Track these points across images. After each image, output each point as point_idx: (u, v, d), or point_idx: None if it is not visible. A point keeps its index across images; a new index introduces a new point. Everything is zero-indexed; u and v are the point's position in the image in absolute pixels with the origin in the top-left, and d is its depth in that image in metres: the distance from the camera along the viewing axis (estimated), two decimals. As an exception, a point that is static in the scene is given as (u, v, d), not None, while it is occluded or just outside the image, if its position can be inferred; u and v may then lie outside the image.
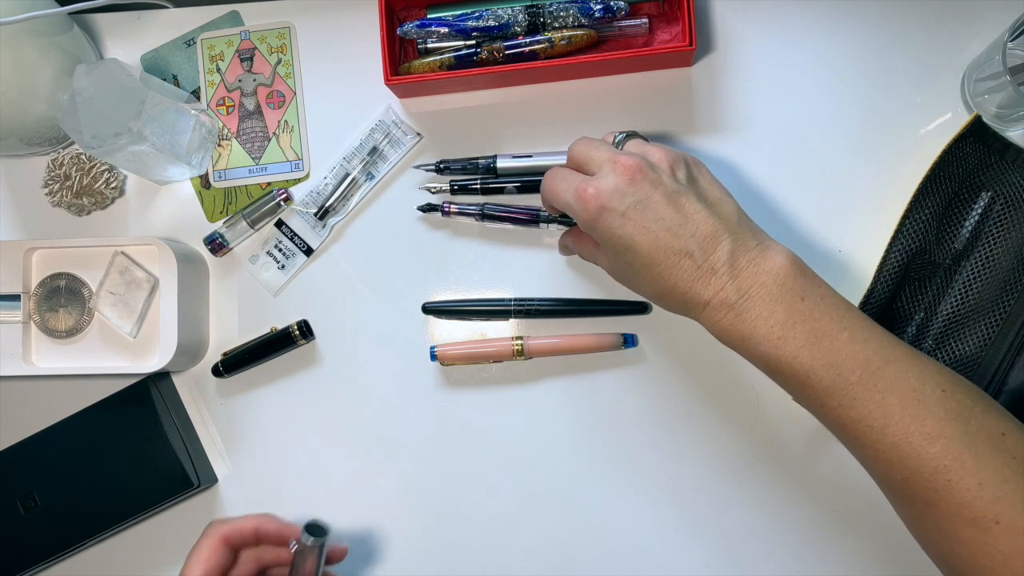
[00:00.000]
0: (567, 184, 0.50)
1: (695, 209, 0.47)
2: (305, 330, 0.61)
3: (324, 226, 0.62)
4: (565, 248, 0.59)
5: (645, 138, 0.53)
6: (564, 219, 0.59)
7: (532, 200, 0.61)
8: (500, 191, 0.60)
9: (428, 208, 0.60)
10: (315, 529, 0.49)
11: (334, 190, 0.62)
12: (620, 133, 0.53)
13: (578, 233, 0.56)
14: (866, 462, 0.47)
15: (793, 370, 0.46)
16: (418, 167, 0.61)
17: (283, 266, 0.63)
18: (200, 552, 0.50)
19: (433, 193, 0.61)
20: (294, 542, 0.50)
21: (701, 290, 0.47)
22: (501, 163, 0.60)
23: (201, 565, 0.49)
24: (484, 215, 0.60)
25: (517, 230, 0.61)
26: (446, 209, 0.60)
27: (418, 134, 0.62)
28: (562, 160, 0.57)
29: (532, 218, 0.59)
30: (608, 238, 0.48)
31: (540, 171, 0.58)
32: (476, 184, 0.60)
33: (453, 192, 0.61)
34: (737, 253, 0.47)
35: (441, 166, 0.61)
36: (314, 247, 0.63)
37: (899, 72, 0.59)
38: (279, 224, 0.63)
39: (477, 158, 0.61)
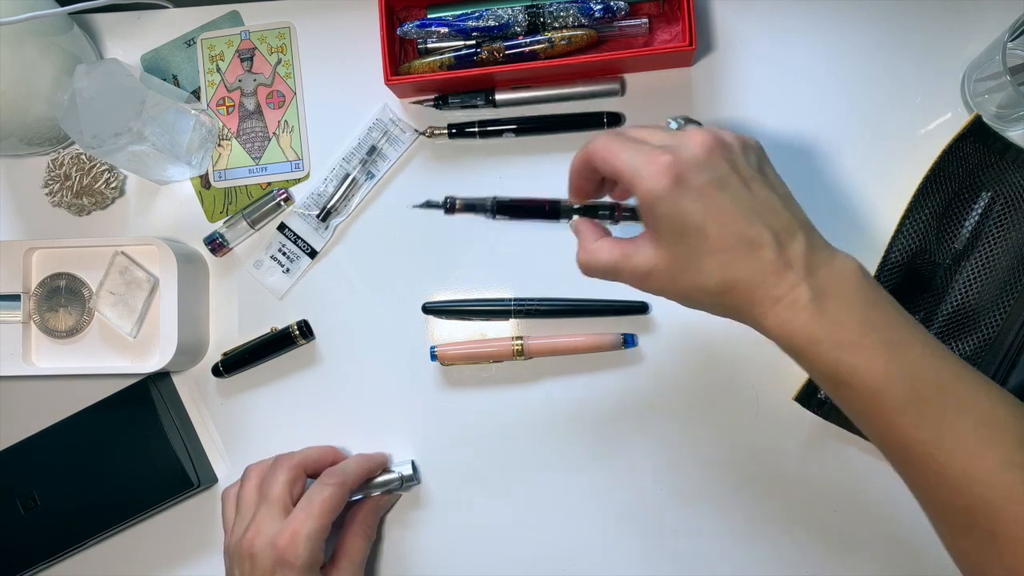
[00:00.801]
0: (635, 148, 0.43)
1: (769, 197, 0.43)
2: (305, 330, 0.61)
3: (327, 227, 0.62)
4: (591, 256, 0.47)
5: (695, 120, 0.49)
6: (591, 211, 0.50)
7: (540, 163, 0.61)
8: (499, 135, 0.60)
9: (428, 205, 0.51)
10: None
11: (335, 191, 0.62)
12: (678, 118, 0.48)
13: (602, 232, 0.48)
14: (926, 487, 0.42)
15: (865, 382, 0.41)
16: (420, 206, 0.52)
17: (288, 269, 0.63)
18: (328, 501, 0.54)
19: (428, 136, 0.62)
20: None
21: (773, 285, 0.42)
22: (500, 96, 0.61)
23: (333, 511, 0.54)
24: (496, 208, 0.51)
25: (522, 228, 0.61)
26: (450, 205, 0.51)
27: (416, 130, 0.62)
28: (567, 92, 0.59)
29: (552, 210, 0.51)
30: (675, 215, 0.42)
31: (540, 101, 0.60)
32: (475, 130, 0.61)
33: (451, 136, 0.61)
34: (811, 250, 0.43)
35: (439, 103, 0.61)
36: (318, 249, 0.63)
37: (899, 72, 0.59)
38: (282, 227, 0.63)
39: (475, 93, 0.61)
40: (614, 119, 0.60)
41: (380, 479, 0.59)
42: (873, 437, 0.43)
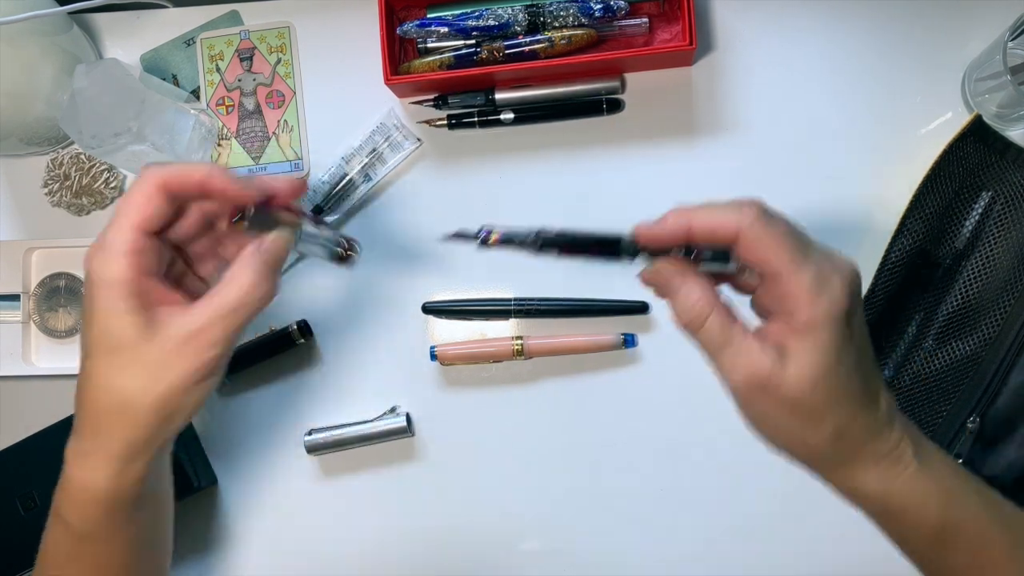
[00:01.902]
0: (806, 249, 0.37)
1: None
2: (304, 329, 0.61)
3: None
4: (739, 360, 0.38)
5: None
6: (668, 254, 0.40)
7: (540, 160, 0.61)
8: (497, 123, 0.60)
9: (459, 237, 0.41)
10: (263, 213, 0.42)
11: (331, 189, 0.62)
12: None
13: (730, 314, 0.39)
14: None
15: (972, 535, 0.39)
16: (451, 238, 0.42)
17: (279, 263, 0.63)
18: (133, 198, 0.39)
19: (432, 126, 0.61)
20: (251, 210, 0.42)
21: (882, 442, 0.38)
22: (500, 95, 0.61)
23: (135, 213, 0.39)
24: (540, 243, 0.41)
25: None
26: (484, 237, 0.41)
27: (418, 139, 0.62)
28: (565, 92, 0.58)
29: (612, 248, 0.40)
30: (831, 348, 0.36)
31: (539, 100, 0.60)
32: (474, 118, 0.61)
33: (451, 127, 0.61)
34: (895, 403, 0.39)
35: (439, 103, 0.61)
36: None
37: (899, 71, 0.59)
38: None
39: (475, 92, 0.61)
40: (613, 105, 0.60)
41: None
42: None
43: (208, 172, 0.40)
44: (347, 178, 0.62)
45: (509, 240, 0.41)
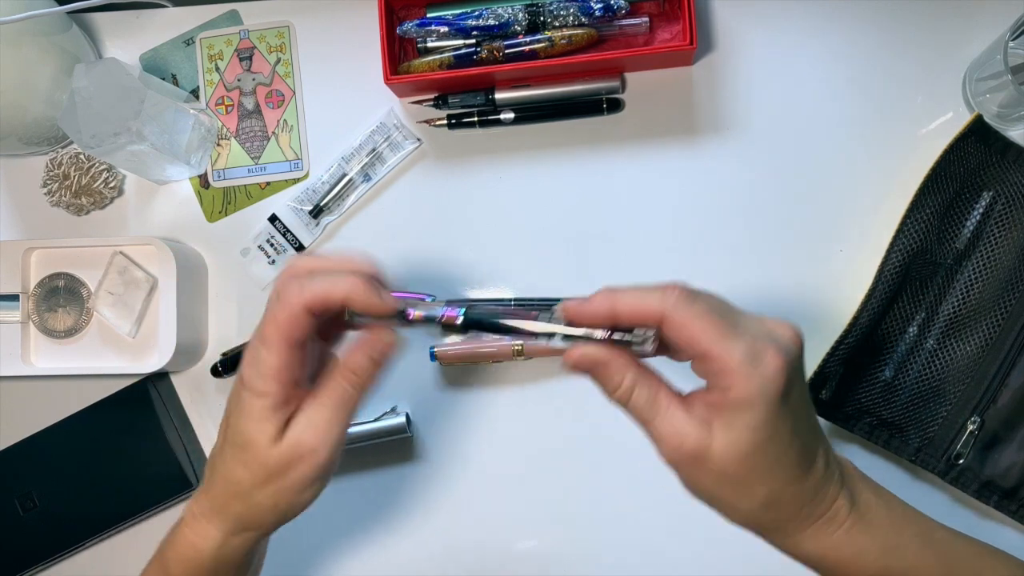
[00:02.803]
0: (737, 329, 0.36)
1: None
2: None
3: (317, 224, 0.62)
4: (673, 437, 0.39)
5: None
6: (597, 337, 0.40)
7: (540, 159, 0.61)
8: (498, 123, 0.60)
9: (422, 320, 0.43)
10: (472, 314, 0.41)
11: (330, 189, 0.62)
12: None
13: (659, 384, 0.40)
14: None
15: None
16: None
17: (274, 261, 0.63)
18: (282, 317, 0.40)
19: (432, 125, 0.61)
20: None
21: (819, 503, 0.39)
22: (500, 95, 0.60)
23: (284, 333, 0.40)
24: (467, 324, 0.41)
25: (522, 227, 0.61)
26: (409, 316, 0.43)
27: (418, 139, 0.62)
28: (565, 92, 0.58)
29: (537, 327, 0.41)
30: (768, 425, 0.36)
31: (540, 100, 0.60)
32: (474, 118, 0.61)
33: (451, 127, 0.61)
34: (830, 454, 0.39)
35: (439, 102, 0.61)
36: (306, 244, 0.63)
37: (900, 71, 0.59)
38: (273, 219, 0.63)
39: (475, 92, 0.60)
40: (613, 105, 0.60)
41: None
42: None
43: (350, 289, 0.41)
44: (347, 178, 0.62)
45: (430, 319, 0.42)
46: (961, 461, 0.54)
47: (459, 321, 0.42)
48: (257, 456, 0.43)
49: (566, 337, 0.40)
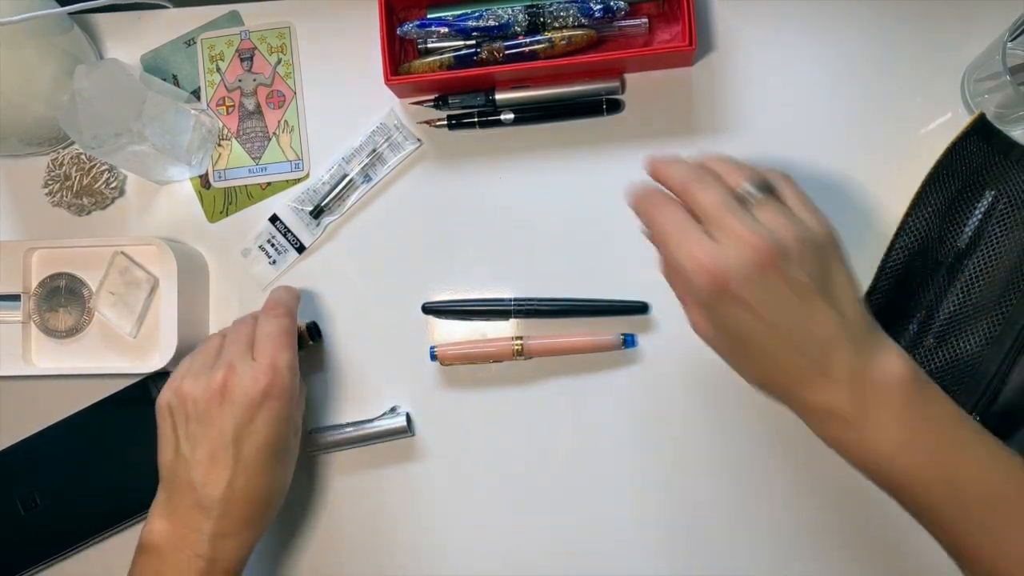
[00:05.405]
0: (681, 238, 0.43)
1: (820, 308, 0.42)
2: (313, 332, 0.61)
3: (318, 224, 0.62)
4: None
5: (775, 190, 0.45)
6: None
7: (540, 158, 0.61)
8: (498, 123, 0.60)
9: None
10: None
11: (331, 189, 0.62)
12: (753, 184, 0.44)
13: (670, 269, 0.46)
14: (977, 572, 0.43)
15: (913, 493, 0.42)
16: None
17: (274, 261, 0.63)
18: (286, 326, 0.56)
19: (432, 126, 0.62)
20: None
21: (810, 393, 0.43)
22: (500, 96, 0.60)
23: (291, 335, 0.56)
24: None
25: (521, 228, 0.61)
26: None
27: (418, 140, 0.62)
28: (565, 92, 0.58)
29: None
30: (722, 322, 0.43)
31: (539, 100, 0.60)
32: (474, 119, 0.61)
33: (451, 128, 0.61)
34: (856, 361, 0.42)
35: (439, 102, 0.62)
36: (306, 245, 0.63)
37: (899, 72, 0.59)
38: (274, 219, 0.63)
39: (475, 92, 0.61)
40: (613, 105, 0.60)
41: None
42: (930, 532, 0.44)
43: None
44: (347, 178, 0.62)
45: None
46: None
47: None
48: (294, 455, 0.55)
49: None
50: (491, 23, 0.59)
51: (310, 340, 0.61)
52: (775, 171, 0.46)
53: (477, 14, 0.59)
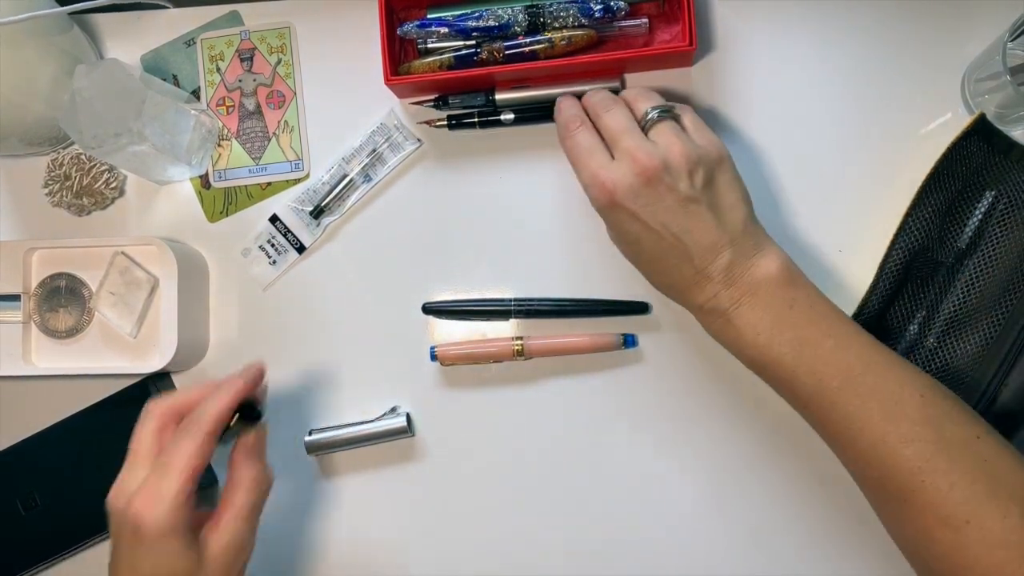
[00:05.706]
0: (588, 160, 0.51)
1: (704, 218, 0.49)
2: (247, 412, 0.52)
3: (318, 225, 0.63)
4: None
5: (677, 116, 0.52)
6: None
7: (540, 159, 0.61)
8: (498, 123, 0.61)
9: None
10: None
11: (331, 190, 0.62)
12: (655, 109, 0.52)
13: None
14: (845, 460, 0.49)
15: (778, 375, 0.49)
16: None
17: (274, 261, 0.63)
18: (186, 450, 0.46)
19: (432, 126, 0.62)
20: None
21: (696, 294, 0.51)
22: (500, 96, 0.60)
23: (188, 461, 0.46)
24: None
25: (521, 228, 0.61)
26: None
27: (418, 140, 0.62)
28: (563, 92, 0.58)
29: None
30: (615, 229, 0.52)
31: (539, 101, 0.60)
32: (474, 119, 0.61)
33: (451, 128, 0.61)
34: (734, 263, 0.49)
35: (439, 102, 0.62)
36: (306, 245, 0.63)
37: (899, 72, 0.59)
38: (274, 219, 0.63)
39: (475, 93, 0.61)
40: None
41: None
42: (801, 416, 0.50)
43: (199, 395, 0.50)
44: (347, 178, 0.62)
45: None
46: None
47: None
48: None
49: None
50: (491, 23, 0.59)
51: (229, 424, 0.50)
52: (680, 104, 0.54)
53: (477, 14, 0.59)
